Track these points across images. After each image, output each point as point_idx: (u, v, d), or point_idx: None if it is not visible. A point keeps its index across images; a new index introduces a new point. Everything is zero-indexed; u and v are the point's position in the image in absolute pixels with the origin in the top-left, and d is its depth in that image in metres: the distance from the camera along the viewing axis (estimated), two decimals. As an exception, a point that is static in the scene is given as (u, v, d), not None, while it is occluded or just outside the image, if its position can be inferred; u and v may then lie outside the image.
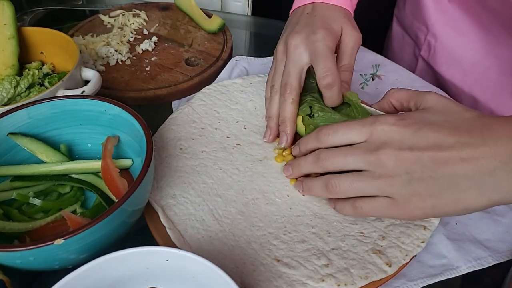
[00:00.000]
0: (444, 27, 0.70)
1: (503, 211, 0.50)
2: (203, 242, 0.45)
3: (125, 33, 0.77)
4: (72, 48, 0.58)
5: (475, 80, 0.67)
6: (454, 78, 0.70)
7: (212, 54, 0.73)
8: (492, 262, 0.45)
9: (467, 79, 0.68)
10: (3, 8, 0.60)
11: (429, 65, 0.75)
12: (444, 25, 0.70)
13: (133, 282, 0.37)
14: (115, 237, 0.41)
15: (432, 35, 0.72)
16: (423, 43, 0.75)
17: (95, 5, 0.92)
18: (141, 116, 0.46)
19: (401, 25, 0.83)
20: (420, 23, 0.74)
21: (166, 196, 0.49)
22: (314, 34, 0.51)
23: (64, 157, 0.50)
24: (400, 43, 0.84)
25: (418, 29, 0.76)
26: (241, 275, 0.42)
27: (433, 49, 0.73)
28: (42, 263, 0.38)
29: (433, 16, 0.71)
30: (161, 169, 0.52)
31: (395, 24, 0.85)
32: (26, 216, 0.47)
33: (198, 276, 0.36)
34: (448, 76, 0.71)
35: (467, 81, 0.68)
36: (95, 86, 0.55)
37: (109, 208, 0.37)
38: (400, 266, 0.42)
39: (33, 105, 0.48)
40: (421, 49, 0.76)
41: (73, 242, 0.36)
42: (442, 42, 0.71)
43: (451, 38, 0.70)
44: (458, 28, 0.68)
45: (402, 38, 0.83)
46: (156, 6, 0.86)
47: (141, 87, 0.66)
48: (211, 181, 0.51)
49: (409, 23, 0.79)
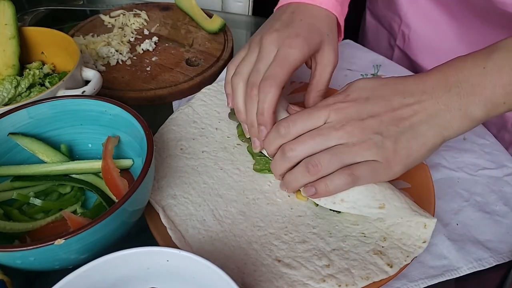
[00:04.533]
0: (416, 17, 0.72)
1: (504, 212, 0.50)
2: (204, 242, 0.45)
3: (125, 33, 0.77)
4: (73, 48, 0.58)
5: None
6: (430, 66, 0.70)
7: (213, 54, 0.73)
8: (493, 263, 0.45)
9: None
10: (4, 8, 0.60)
11: (405, 53, 0.77)
12: (416, 15, 0.71)
13: (134, 283, 0.37)
14: (116, 237, 0.41)
15: (406, 25, 0.74)
16: (398, 32, 0.76)
17: (95, 5, 0.92)
18: (141, 116, 0.46)
19: (374, 16, 0.84)
20: (393, 13, 0.76)
21: (167, 197, 0.49)
22: (290, 38, 0.48)
23: (64, 157, 0.50)
24: (374, 34, 0.85)
25: (392, 19, 0.77)
26: (242, 275, 0.42)
27: (408, 38, 0.74)
28: (42, 263, 0.38)
29: (405, 6, 0.73)
30: (161, 169, 0.51)
31: (368, 16, 0.86)
32: (27, 216, 0.47)
33: (198, 277, 0.36)
34: (425, 64, 0.73)
35: None
36: (96, 86, 0.55)
37: (110, 208, 0.37)
38: (401, 267, 0.42)
39: (33, 105, 0.48)
40: (396, 38, 0.77)
41: (73, 242, 0.35)
42: (416, 32, 0.73)
43: (424, 27, 0.71)
44: (430, 18, 0.69)
45: (376, 29, 0.84)
46: (156, 6, 0.86)
47: (141, 87, 0.66)
48: (212, 181, 0.51)
49: (382, 14, 0.80)
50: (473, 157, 0.56)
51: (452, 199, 0.51)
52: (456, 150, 0.57)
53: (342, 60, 0.72)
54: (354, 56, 0.73)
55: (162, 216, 0.46)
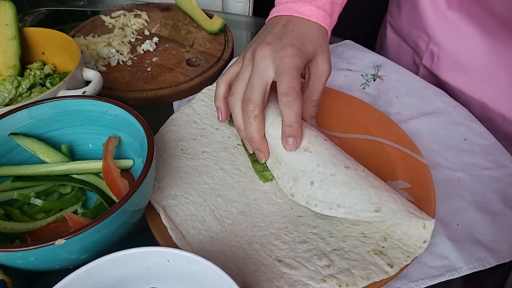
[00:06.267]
0: (446, 35, 0.68)
1: (504, 212, 0.50)
2: (204, 242, 0.45)
3: (126, 33, 0.77)
4: (74, 48, 0.58)
5: (484, 86, 0.65)
6: (460, 85, 0.68)
7: (213, 54, 0.73)
8: (493, 263, 0.45)
9: (474, 86, 0.66)
10: (5, 8, 0.61)
11: (432, 73, 0.73)
12: (446, 33, 0.68)
13: (134, 283, 0.37)
14: (116, 238, 0.41)
15: (435, 44, 0.70)
16: (425, 51, 0.72)
17: (96, 6, 0.92)
18: (142, 117, 0.46)
19: (396, 33, 0.80)
20: (420, 31, 0.72)
21: (168, 197, 0.49)
22: (284, 49, 0.48)
23: (65, 158, 0.50)
24: (396, 51, 0.81)
25: (418, 37, 0.73)
26: (243, 275, 0.42)
27: (437, 57, 0.71)
28: (43, 263, 0.38)
29: (434, 24, 0.69)
30: (162, 169, 0.51)
31: (390, 32, 0.82)
32: (27, 216, 0.47)
33: (199, 277, 0.36)
34: (454, 83, 0.69)
35: (475, 87, 0.66)
36: (96, 87, 0.55)
37: (110, 208, 0.37)
38: (402, 267, 0.42)
39: (34, 105, 0.48)
40: (422, 57, 0.74)
41: (74, 242, 0.36)
42: (446, 50, 0.69)
43: (455, 45, 0.68)
44: (461, 35, 0.66)
45: (399, 46, 0.80)
46: (157, 6, 0.86)
47: (142, 87, 0.66)
48: (212, 181, 0.51)
49: (406, 31, 0.77)
50: (473, 158, 0.56)
51: (452, 199, 0.51)
52: (456, 150, 0.57)
53: (342, 61, 0.73)
54: (354, 57, 0.73)
55: (163, 216, 0.46)
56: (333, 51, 0.75)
